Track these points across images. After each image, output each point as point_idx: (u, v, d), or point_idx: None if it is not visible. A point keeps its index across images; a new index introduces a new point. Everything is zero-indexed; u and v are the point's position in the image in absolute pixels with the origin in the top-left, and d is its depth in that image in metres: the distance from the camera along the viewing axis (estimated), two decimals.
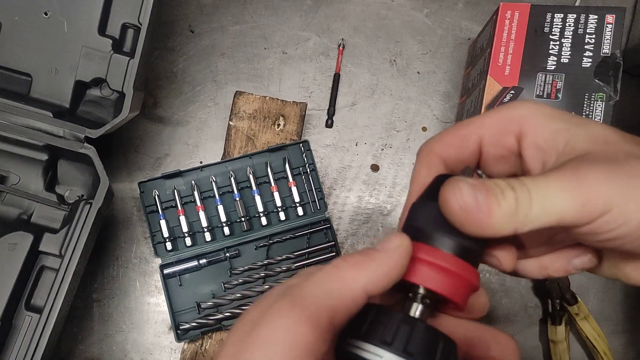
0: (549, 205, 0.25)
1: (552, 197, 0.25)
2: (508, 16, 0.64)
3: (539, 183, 0.26)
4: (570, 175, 0.25)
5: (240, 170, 0.68)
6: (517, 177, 0.27)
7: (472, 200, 0.25)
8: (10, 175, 0.64)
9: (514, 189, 0.25)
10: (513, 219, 0.25)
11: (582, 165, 0.26)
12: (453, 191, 0.26)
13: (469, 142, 0.31)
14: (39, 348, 0.54)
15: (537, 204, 0.25)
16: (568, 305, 0.68)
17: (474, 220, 0.26)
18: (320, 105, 0.77)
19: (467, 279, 0.28)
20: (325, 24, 0.79)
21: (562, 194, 0.25)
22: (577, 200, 0.25)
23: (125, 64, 0.62)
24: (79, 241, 0.56)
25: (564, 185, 0.25)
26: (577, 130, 0.28)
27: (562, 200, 0.25)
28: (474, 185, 0.26)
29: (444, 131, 0.33)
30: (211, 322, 0.64)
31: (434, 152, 0.32)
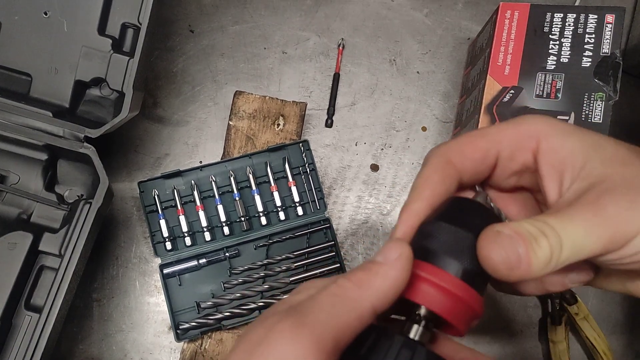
0: (579, 247, 0.26)
1: (581, 239, 0.26)
2: (508, 16, 0.64)
3: (565, 226, 0.26)
4: (594, 213, 0.26)
5: (240, 170, 0.68)
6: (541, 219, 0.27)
7: (514, 256, 0.26)
8: (10, 175, 0.64)
9: (546, 235, 0.26)
10: (549, 264, 0.26)
11: (604, 200, 0.26)
12: (495, 246, 0.26)
13: (488, 156, 0.31)
14: (39, 348, 0.54)
15: (568, 247, 0.26)
16: (568, 305, 0.68)
17: (517, 273, 0.26)
18: (320, 105, 0.77)
19: (472, 306, 0.28)
20: (325, 23, 0.79)
21: (590, 235, 0.26)
22: (605, 237, 0.26)
23: (125, 63, 0.62)
24: (78, 241, 0.56)
25: (590, 226, 0.26)
26: (593, 152, 0.28)
27: (591, 238, 0.26)
28: (512, 237, 0.26)
29: (459, 140, 0.32)
30: (211, 321, 0.64)
31: (452, 163, 0.31)
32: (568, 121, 0.60)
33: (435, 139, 0.76)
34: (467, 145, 0.31)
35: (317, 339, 0.24)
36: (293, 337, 0.24)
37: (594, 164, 0.28)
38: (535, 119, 0.30)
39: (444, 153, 0.31)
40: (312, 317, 0.25)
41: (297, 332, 0.24)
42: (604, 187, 0.27)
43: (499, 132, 0.31)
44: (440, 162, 0.31)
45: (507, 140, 0.31)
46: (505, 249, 0.26)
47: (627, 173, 0.27)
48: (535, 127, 0.30)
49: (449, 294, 0.27)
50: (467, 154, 0.31)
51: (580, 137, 0.29)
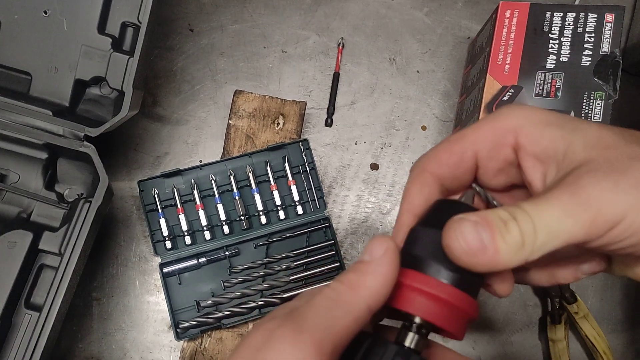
0: (555, 230, 0.24)
1: (557, 221, 0.24)
2: (507, 15, 0.64)
3: (540, 209, 0.25)
4: (572, 194, 0.25)
5: (240, 169, 0.68)
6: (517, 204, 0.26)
7: (476, 241, 0.25)
8: (10, 174, 0.64)
9: (516, 219, 0.25)
10: (521, 251, 0.25)
11: (583, 181, 0.25)
12: (455, 234, 0.25)
13: (464, 159, 0.30)
14: (39, 346, 0.54)
15: (543, 231, 0.24)
16: (567, 304, 0.68)
17: (482, 261, 0.25)
18: (319, 104, 0.77)
19: (466, 311, 0.27)
20: (324, 22, 0.79)
21: (568, 216, 0.24)
22: (584, 220, 0.24)
23: (125, 62, 0.62)
24: (78, 239, 0.56)
25: (567, 207, 0.24)
26: (574, 137, 0.27)
27: (569, 221, 0.24)
28: (476, 223, 0.25)
29: (437, 147, 0.31)
30: (210, 320, 0.64)
31: (428, 171, 0.31)
32: None
33: (435, 138, 0.76)
34: (442, 151, 0.31)
35: (317, 343, 0.24)
36: (294, 342, 0.24)
37: (576, 149, 0.26)
38: (512, 111, 0.29)
39: (420, 162, 0.32)
40: (311, 321, 0.25)
41: (297, 337, 0.24)
42: (585, 169, 0.25)
43: (475, 131, 0.30)
44: (417, 172, 0.31)
45: (483, 139, 0.30)
46: (466, 235, 0.25)
47: (611, 155, 0.26)
48: (511, 121, 0.29)
49: (440, 301, 0.27)
50: (442, 160, 0.31)
51: (560, 125, 0.28)
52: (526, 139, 0.28)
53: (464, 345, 0.71)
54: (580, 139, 0.27)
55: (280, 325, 0.25)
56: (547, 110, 0.29)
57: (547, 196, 0.25)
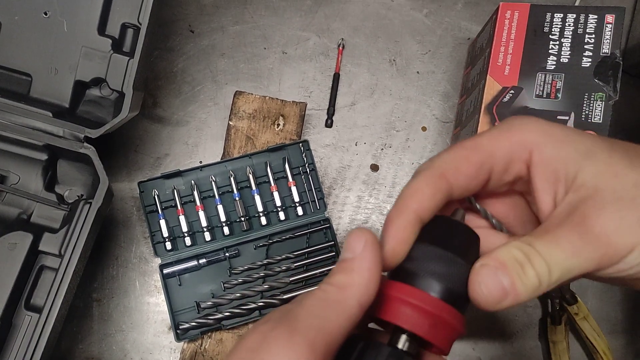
0: (568, 269, 0.26)
1: (570, 261, 0.26)
2: (508, 16, 0.64)
3: (552, 251, 0.26)
4: (581, 234, 0.26)
5: (240, 170, 0.68)
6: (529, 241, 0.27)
7: (499, 289, 0.26)
8: (10, 175, 0.64)
9: (532, 262, 0.26)
10: (537, 290, 0.26)
11: (591, 219, 0.26)
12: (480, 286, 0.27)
13: (482, 171, 0.30)
14: (39, 347, 0.54)
15: (557, 271, 0.26)
16: (567, 305, 0.68)
17: (504, 305, 0.26)
18: (320, 105, 0.77)
19: (454, 326, 0.28)
20: (325, 24, 0.79)
21: (578, 257, 0.26)
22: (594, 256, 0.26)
23: (125, 63, 0.62)
24: (78, 241, 0.56)
25: (577, 248, 0.26)
26: (584, 163, 0.27)
27: (580, 260, 0.26)
28: (496, 269, 0.26)
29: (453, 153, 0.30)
30: (211, 321, 0.64)
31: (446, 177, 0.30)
32: (568, 122, 0.60)
33: (435, 139, 0.76)
34: (460, 160, 0.30)
35: (311, 344, 0.24)
36: (288, 344, 0.24)
37: (586, 176, 0.27)
38: (528, 125, 0.29)
39: (439, 166, 0.30)
40: (304, 322, 0.25)
41: (291, 338, 0.24)
42: (592, 203, 0.26)
43: (491, 143, 0.30)
44: (434, 175, 0.30)
45: (500, 152, 0.30)
46: (489, 284, 0.26)
47: (619, 185, 0.26)
48: (528, 137, 0.29)
49: (430, 315, 0.27)
50: (461, 169, 0.30)
51: (574, 146, 0.28)
52: (540, 157, 0.29)
53: (464, 346, 0.71)
54: (590, 164, 0.27)
55: (274, 327, 0.25)
56: (563, 126, 0.29)
57: (557, 236, 0.26)
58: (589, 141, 0.28)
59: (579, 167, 0.27)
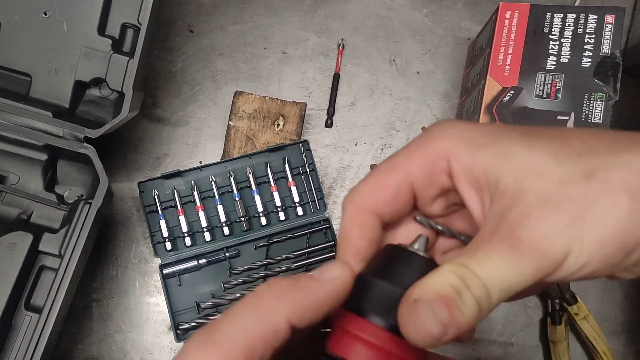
0: (506, 286, 0.24)
1: (507, 278, 0.24)
2: (507, 16, 0.64)
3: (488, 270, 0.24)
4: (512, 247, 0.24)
5: (240, 170, 0.68)
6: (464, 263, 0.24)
7: (437, 327, 0.24)
8: (10, 175, 0.64)
9: (469, 287, 0.24)
10: (478, 317, 0.24)
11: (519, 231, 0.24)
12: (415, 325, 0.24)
13: (400, 192, 0.29)
14: (39, 348, 0.54)
15: (496, 292, 0.24)
16: (568, 305, 0.68)
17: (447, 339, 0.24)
18: (319, 105, 0.77)
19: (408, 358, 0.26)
20: (324, 23, 0.79)
21: (514, 272, 0.24)
22: (530, 269, 0.24)
23: (125, 63, 0.62)
24: (78, 241, 0.56)
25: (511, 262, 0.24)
26: (504, 166, 0.26)
27: (517, 275, 0.24)
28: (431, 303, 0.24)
29: (368, 180, 0.30)
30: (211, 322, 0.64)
31: (366, 210, 0.29)
32: (568, 122, 0.60)
33: None
34: (376, 186, 0.29)
35: (224, 354, 0.23)
36: (199, 355, 0.23)
37: (507, 181, 0.25)
38: (442, 131, 0.28)
39: (355, 200, 0.29)
40: (222, 331, 0.24)
41: (203, 349, 0.23)
42: (517, 211, 0.24)
43: (406, 160, 0.29)
44: (355, 212, 0.29)
45: (416, 169, 0.28)
46: (425, 323, 0.24)
47: (542, 185, 0.24)
48: (442, 145, 0.27)
49: (383, 352, 0.26)
50: (378, 197, 0.29)
51: (491, 150, 0.26)
52: (459, 166, 0.27)
53: (464, 346, 0.71)
54: (509, 168, 0.25)
55: (193, 338, 0.24)
56: (478, 127, 0.28)
57: (489, 252, 0.24)
58: (506, 141, 0.26)
59: (499, 172, 0.26)
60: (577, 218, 0.23)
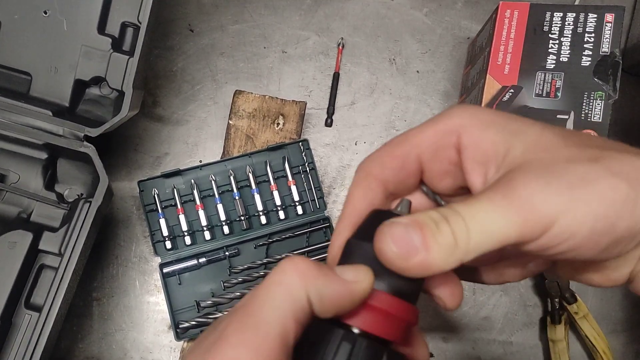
0: (487, 230, 0.24)
1: (490, 220, 0.24)
2: (507, 15, 0.64)
3: (472, 208, 0.24)
4: (504, 195, 0.24)
5: (240, 169, 0.68)
6: (450, 205, 0.25)
7: (407, 243, 0.24)
8: (10, 174, 0.64)
9: (448, 220, 0.24)
10: (454, 252, 0.24)
11: (515, 180, 0.24)
12: (386, 238, 0.25)
13: (407, 162, 0.30)
14: (39, 346, 0.54)
15: (475, 231, 0.24)
16: (567, 305, 0.68)
17: (414, 264, 0.24)
18: (319, 104, 0.77)
19: (403, 319, 0.27)
20: (324, 23, 0.79)
21: (499, 216, 0.24)
22: (516, 220, 0.24)
23: (125, 62, 0.62)
24: (78, 240, 0.56)
25: (499, 207, 0.24)
26: (514, 140, 0.26)
27: (501, 222, 0.24)
28: (407, 225, 0.24)
29: (380, 149, 0.31)
30: (211, 321, 0.64)
31: (372, 175, 0.30)
32: (567, 121, 0.60)
33: None
34: (385, 154, 0.30)
35: (263, 339, 0.23)
36: (238, 342, 0.23)
37: (515, 153, 0.26)
38: (456, 111, 0.29)
39: (365, 166, 0.31)
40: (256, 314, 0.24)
41: (241, 335, 0.23)
42: (519, 170, 0.25)
43: (417, 134, 0.30)
44: (361, 176, 0.30)
45: (425, 141, 0.29)
46: (397, 238, 0.24)
47: (548, 157, 0.25)
48: (455, 121, 0.28)
49: (376, 310, 0.26)
50: (385, 164, 0.30)
51: (503, 126, 0.27)
52: (468, 140, 0.28)
53: (464, 346, 0.71)
54: (520, 141, 0.26)
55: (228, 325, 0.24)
56: (492, 110, 0.29)
57: (480, 197, 0.25)
58: (519, 121, 0.27)
59: (509, 145, 0.26)
60: (575, 189, 0.24)
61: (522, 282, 0.72)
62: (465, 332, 0.71)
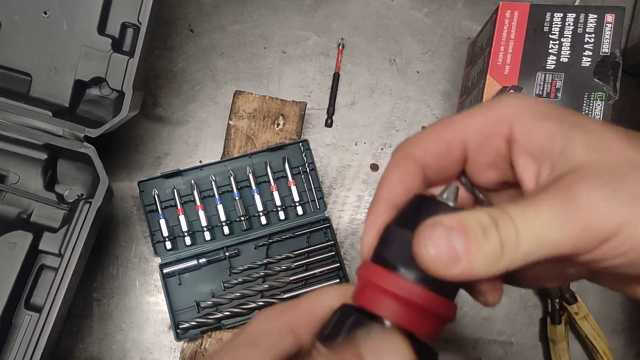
0: (540, 239, 0.22)
1: (544, 230, 0.22)
2: (507, 15, 0.64)
3: (526, 213, 0.22)
4: (563, 201, 0.22)
5: (240, 170, 0.68)
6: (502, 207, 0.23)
7: (448, 251, 0.22)
8: (10, 175, 0.64)
9: (497, 224, 0.22)
10: (499, 262, 0.22)
11: (578, 187, 0.22)
12: (425, 242, 0.23)
13: (452, 148, 0.27)
14: (39, 347, 0.54)
15: (526, 239, 0.22)
16: (568, 305, 0.68)
17: (453, 272, 0.22)
18: (319, 104, 0.77)
19: (440, 314, 0.26)
20: (324, 23, 0.79)
21: (556, 225, 0.22)
22: (574, 230, 0.22)
23: (125, 63, 0.62)
24: (78, 240, 0.56)
25: (557, 215, 0.22)
26: (574, 134, 0.24)
27: (556, 231, 0.22)
28: (450, 228, 0.22)
29: (424, 131, 0.28)
30: (210, 321, 0.64)
31: (412, 158, 0.28)
32: None
33: None
34: (429, 137, 0.28)
35: None
36: None
37: (575, 149, 0.24)
38: (509, 99, 0.26)
39: (405, 147, 0.28)
40: None
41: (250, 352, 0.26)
42: (581, 173, 0.23)
43: (466, 118, 0.27)
44: (400, 157, 0.28)
45: (473, 127, 0.27)
46: (437, 243, 0.22)
47: (612, 160, 0.23)
48: (507, 110, 0.26)
49: (411, 305, 0.25)
50: (428, 147, 0.27)
51: (560, 118, 0.25)
52: (521, 130, 0.25)
53: (464, 346, 0.71)
54: (580, 137, 0.24)
55: None
56: (548, 102, 0.26)
57: (536, 200, 0.23)
58: (579, 116, 0.25)
59: (568, 140, 0.24)
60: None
61: None
62: (465, 332, 0.71)
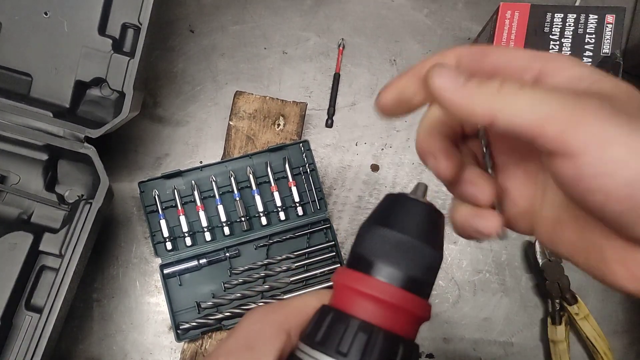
0: (538, 103, 0.22)
1: (545, 98, 0.22)
2: (508, 16, 0.64)
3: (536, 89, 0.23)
4: (575, 94, 0.22)
5: (240, 170, 0.68)
6: None
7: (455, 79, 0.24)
8: (10, 175, 0.64)
9: (505, 79, 0.23)
10: (493, 98, 0.23)
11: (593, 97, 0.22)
12: (435, 70, 0.24)
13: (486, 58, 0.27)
14: (39, 348, 0.54)
15: (525, 98, 0.22)
16: (568, 305, 0.68)
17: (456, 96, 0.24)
18: (320, 105, 0.77)
19: (414, 313, 0.26)
20: (325, 24, 0.79)
21: (556, 97, 0.22)
22: (568, 108, 0.22)
23: (125, 63, 0.62)
24: (79, 241, 0.56)
25: (562, 95, 0.22)
26: (604, 78, 0.25)
27: (552, 103, 0.22)
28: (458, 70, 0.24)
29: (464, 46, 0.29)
30: (211, 322, 0.64)
31: (456, 52, 0.28)
32: None
33: None
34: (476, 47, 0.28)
35: None
36: None
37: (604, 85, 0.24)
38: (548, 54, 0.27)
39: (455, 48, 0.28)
40: None
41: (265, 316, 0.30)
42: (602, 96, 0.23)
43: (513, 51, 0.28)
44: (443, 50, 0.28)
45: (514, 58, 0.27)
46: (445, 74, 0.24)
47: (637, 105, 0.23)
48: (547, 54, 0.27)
49: (385, 305, 0.26)
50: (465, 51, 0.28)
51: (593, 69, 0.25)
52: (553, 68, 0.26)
53: (465, 346, 0.71)
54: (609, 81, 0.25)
55: None
56: None
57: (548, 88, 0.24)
58: None
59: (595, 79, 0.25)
60: None
61: (523, 283, 0.72)
62: (466, 333, 0.71)
